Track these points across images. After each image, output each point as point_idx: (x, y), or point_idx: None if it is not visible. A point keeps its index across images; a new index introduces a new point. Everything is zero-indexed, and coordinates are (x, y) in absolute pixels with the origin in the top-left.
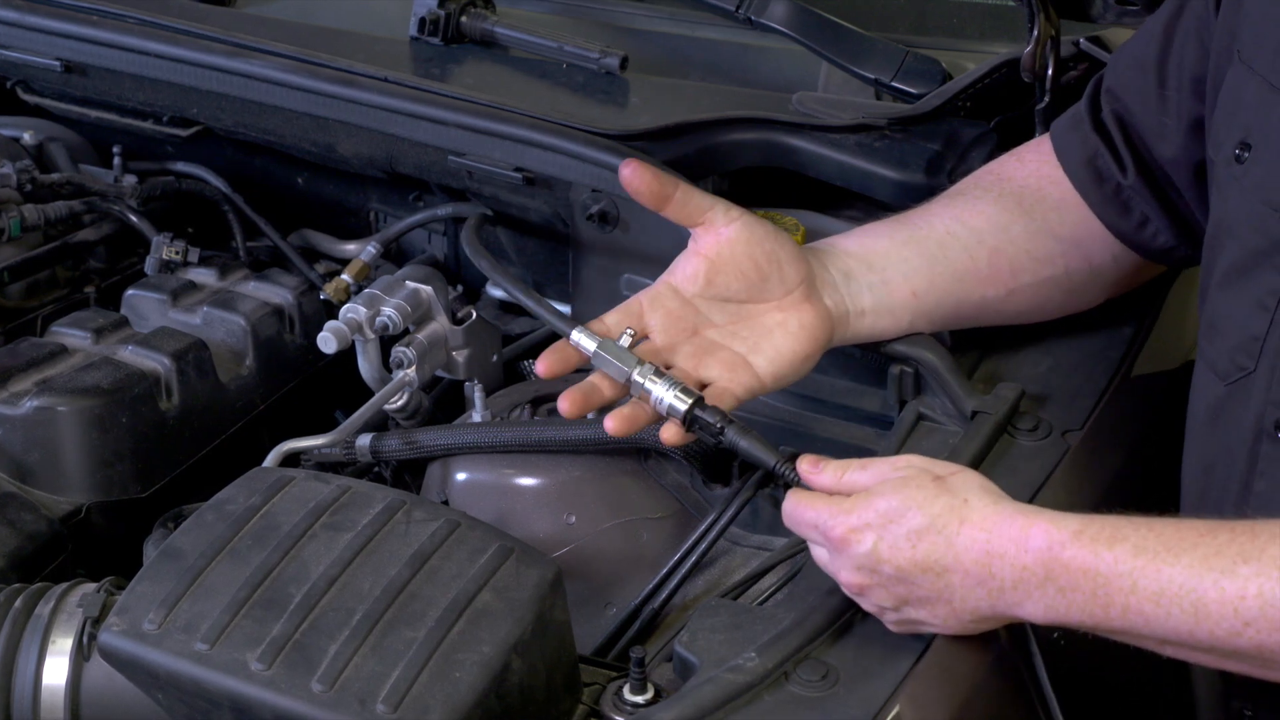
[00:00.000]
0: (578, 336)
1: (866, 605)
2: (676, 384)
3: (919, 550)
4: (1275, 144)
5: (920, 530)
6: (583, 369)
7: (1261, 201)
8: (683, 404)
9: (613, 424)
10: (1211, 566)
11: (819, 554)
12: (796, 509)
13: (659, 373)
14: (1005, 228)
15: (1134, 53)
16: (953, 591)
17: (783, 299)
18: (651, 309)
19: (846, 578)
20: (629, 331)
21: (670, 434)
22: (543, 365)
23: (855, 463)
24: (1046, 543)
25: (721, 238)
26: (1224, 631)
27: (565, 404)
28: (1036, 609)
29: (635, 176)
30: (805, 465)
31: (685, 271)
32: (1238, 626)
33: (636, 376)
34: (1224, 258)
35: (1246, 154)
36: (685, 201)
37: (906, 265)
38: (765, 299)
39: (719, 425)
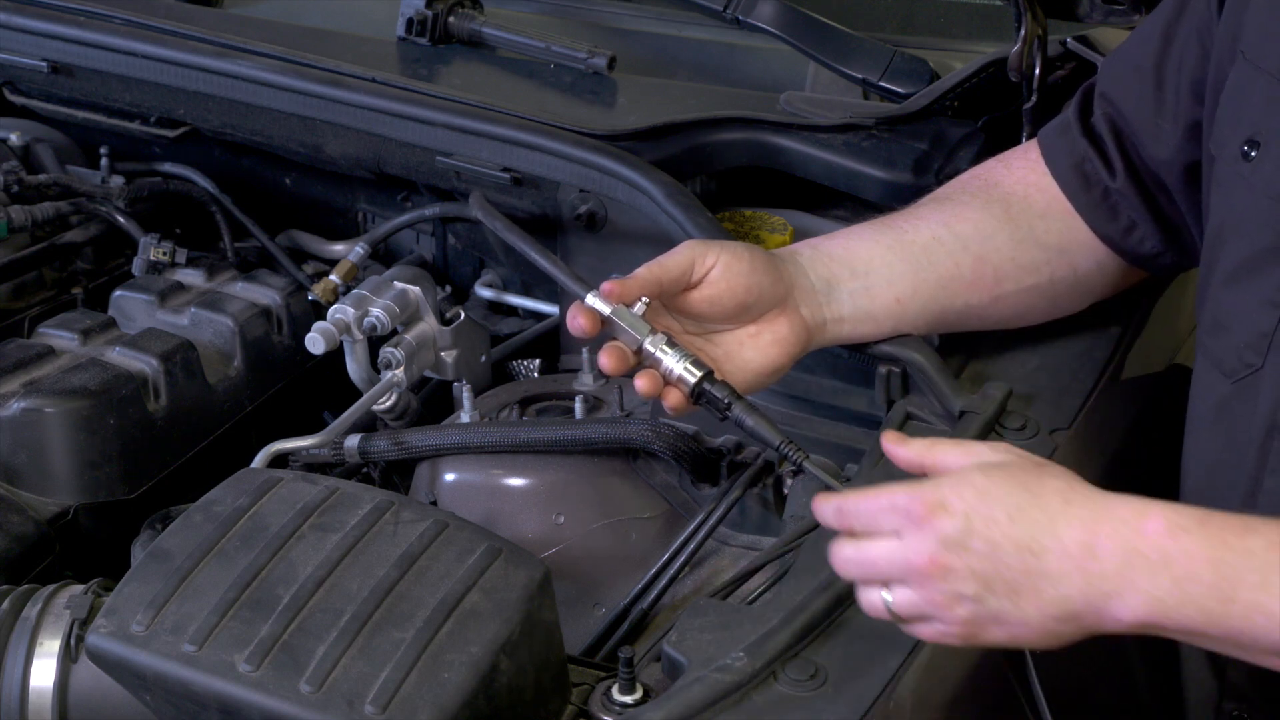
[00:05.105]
0: (592, 300)
1: (938, 594)
2: (688, 355)
3: (1017, 526)
4: None
5: (1022, 506)
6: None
7: (1271, 198)
8: (692, 376)
9: (642, 383)
10: None
11: (878, 549)
12: (863, 499)
13: (671, 342)
14: (991, 234)
15: (1129, 56)
16: (1045, 575)
17: (758, 318)
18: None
19: (927, 556)
20: (643, 300)
21: (674, 400)
22: (580, 319)
23: (946, 441)
24: (1166, 527)
25: (702, 288)
26: None
27: (605, 359)
28: (1137, 601)
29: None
30: (889, 440)
31: (668, 290)
32: None
33: (649, 345)
34: (1229, 255)
35: (1255, 151)
36: (672, 283)
37: (891, 271)
38: (742, 323)
39: (726, 401)
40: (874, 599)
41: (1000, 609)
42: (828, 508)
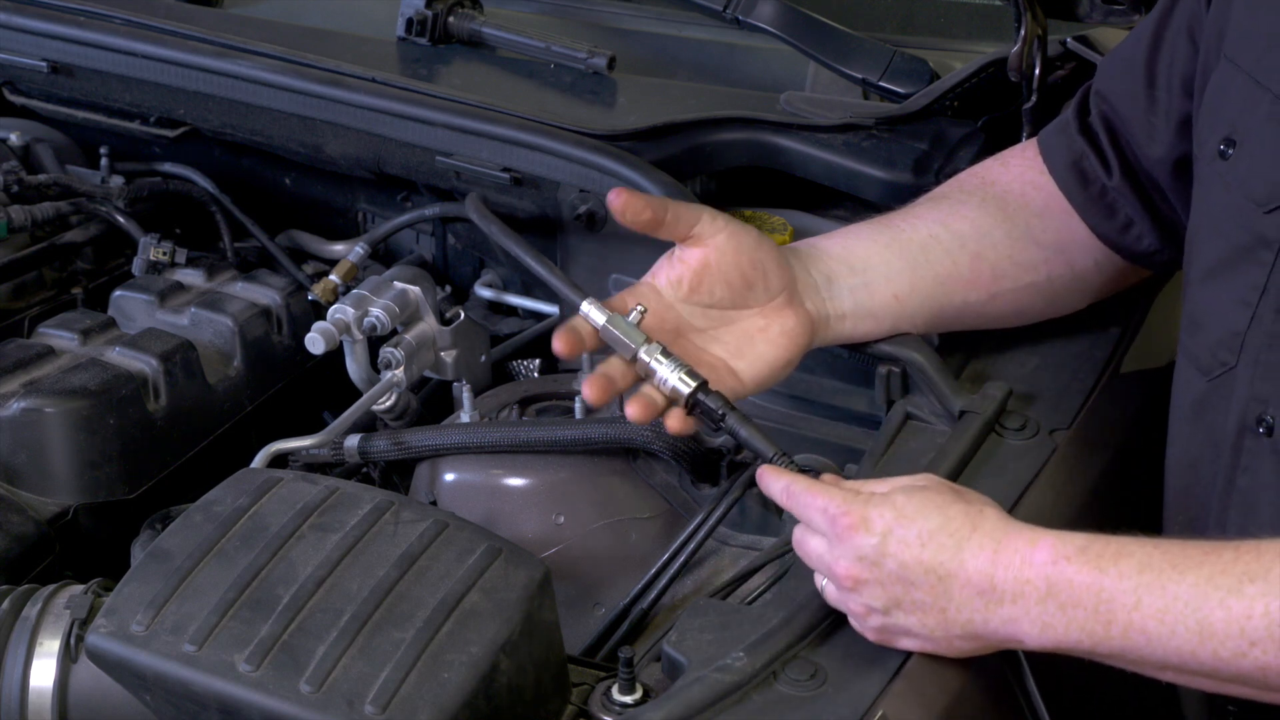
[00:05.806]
0: (588, 308)
1: (854, 603)
2: (682, 366)
3: (927, 550)
4: (1260, 140)
5: (932, 531)
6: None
7: (1245, 197)
8: (686, 387)
9: (633, 409)
10: (1218, 585)
11: (814, 544)
12: (806, 492)
13: (666, 353)
14: (988, 232)
15: (1123, 54)
16: (950, 599)
17: (765, 305)
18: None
19: (844, 568)
20: (638, 308)
21: (675, 422)
22: (560, 343)
23: (873, 480)
24: (1051, 556)
25: (708, 249)
26: (1229, 652)
27: (589, 390)
28: (1032, 627)
29: (626, 206)
30: (827, 477)
31: (669, 277)
32: (1243, 647)
33: (643, 355)
34: (1205, 254)
35: (1231, 150)
36: (675, 221)
37: (889, 268)
38: (748, 305)
39: (720, 412)
40: (818, 581)
41: (908, 624)
42: (778, 483)
